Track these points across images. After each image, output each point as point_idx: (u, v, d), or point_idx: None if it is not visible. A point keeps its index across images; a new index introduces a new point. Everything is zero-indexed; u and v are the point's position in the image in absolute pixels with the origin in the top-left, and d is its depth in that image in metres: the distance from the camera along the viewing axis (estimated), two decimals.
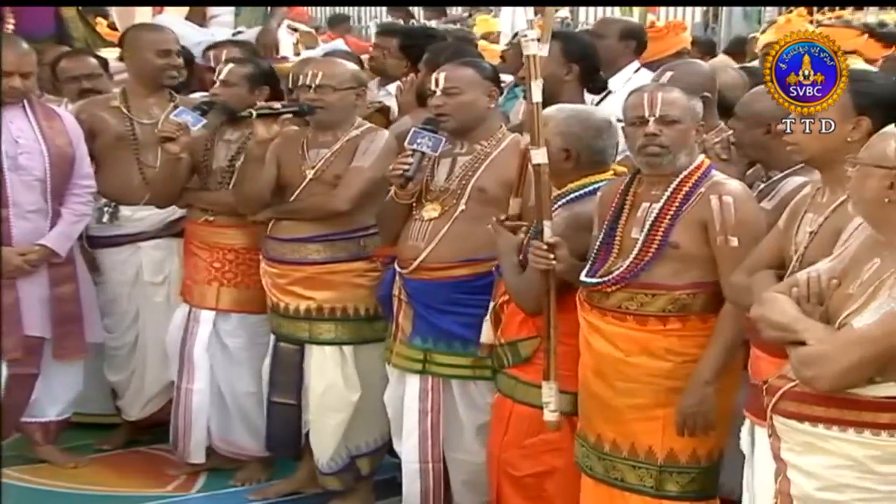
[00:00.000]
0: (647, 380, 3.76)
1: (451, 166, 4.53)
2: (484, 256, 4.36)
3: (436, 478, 4.59)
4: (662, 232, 3.71)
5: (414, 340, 4.55)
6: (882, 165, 2.89)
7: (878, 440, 2.91)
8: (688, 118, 3.75)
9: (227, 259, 5.28)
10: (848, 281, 3.02)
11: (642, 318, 3.75)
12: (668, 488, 3.78)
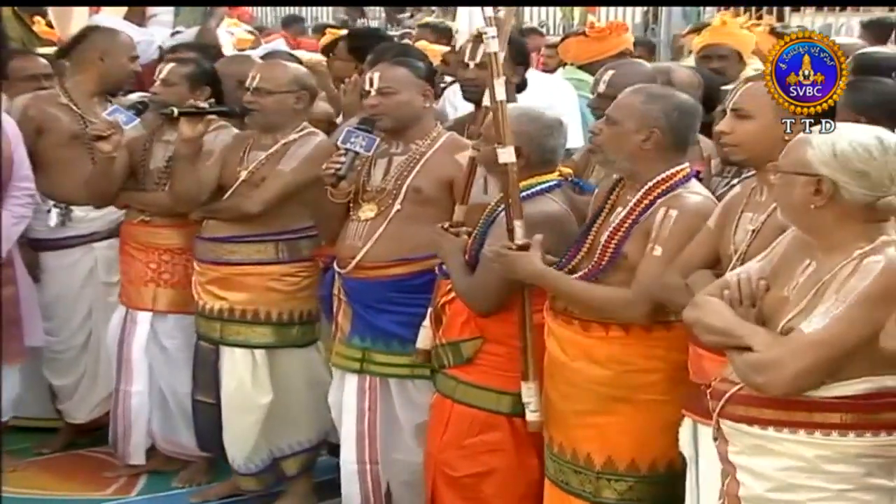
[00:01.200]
0: (588, 386, 3.74)
1: (387, 166, 4.52)
2: (421, 256, 4.36)
3: (374, 478, 4.57)
4: (616, 241, 3.67)
5: (352, 340, 4.54)
6: (803, 172, 2.90)
7: (828, 440, 2.92)
8: (628, 121, 3.67)
9: (163, 260, 5.27)
10: (781, 283, 3.03)
11: (586, 323, 3.72)
12: (605, 495, 3.75)
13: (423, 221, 4.32)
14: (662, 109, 3.66)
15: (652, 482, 3.75)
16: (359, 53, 5.80)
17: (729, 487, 3.08)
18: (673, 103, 3.70)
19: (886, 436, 2.93)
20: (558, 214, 4.00)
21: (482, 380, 4.08)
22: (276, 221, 4.87)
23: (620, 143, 3.69)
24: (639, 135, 3.66)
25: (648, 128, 3.65)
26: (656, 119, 3.66)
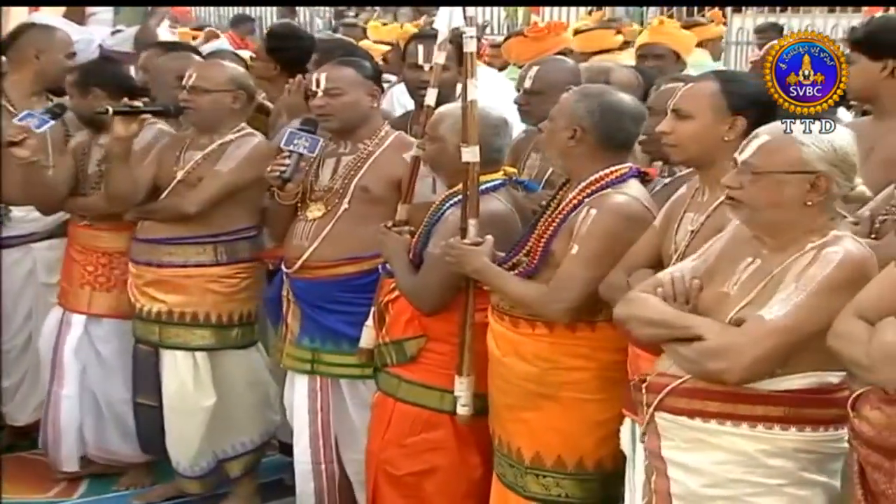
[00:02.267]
0: (517, 382, 3.75)
1: (335, 166, 4.50)
2: (368, 254, 4.35)
3: (329, 478, 4.57)
4: (545, 240, 3.69)
5: (302, 340, 4.53)
6: (801, 171, 2.94)
7: (769, 434, 2.96)
8: (560, 118, 3.70)
9: (101, 263, 5.22)
10: (720, 280, 3.08)
11: (515, 319, 3.75)
12: (533, 489, 3.77)
13: (370, 221, 4.31)
14: (587, 108, 3.67)
15: (579, 480, 3.75)
16: (277, 54, 5.77)
17: (658, 484, 3.11)
18: (599, 102, 3.69)
19: (824, 431, 2.99)
20: (503, 213, 4.01)
21: (425, 378, 4.09)
22: (214, 223, 4.84)
23: (552, 140, 3.74)
24: (566, 132, 3.68)
25: (573, 126, 3.67)
26: (581, 118, 3.67)
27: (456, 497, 4.10)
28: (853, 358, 2.67)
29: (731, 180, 3.03)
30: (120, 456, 5.37)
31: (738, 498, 2.99)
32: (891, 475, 2.58)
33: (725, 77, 3.54)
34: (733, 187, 3.02)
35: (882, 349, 2.55)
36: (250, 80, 5.03)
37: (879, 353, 2.55)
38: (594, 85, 3.89)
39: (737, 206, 3.04)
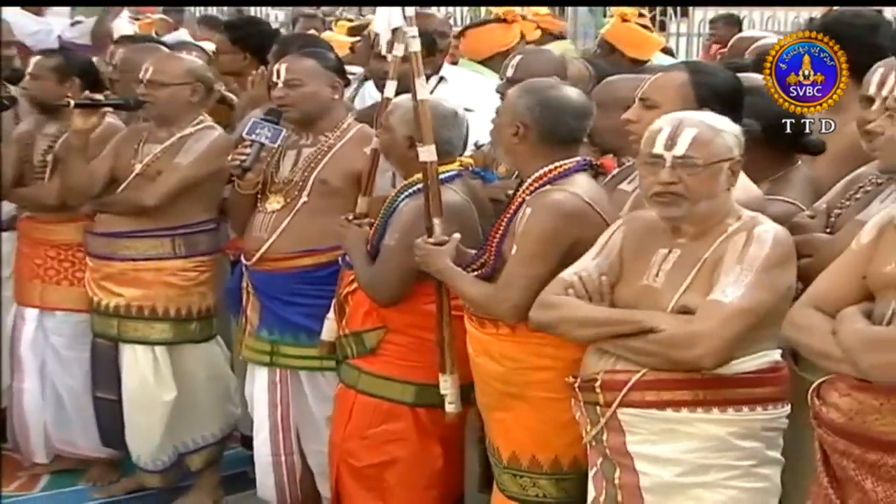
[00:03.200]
0: (489, 381, 3.74)
1: (296, 158, 4.49)
2: (327, 247, 4.34)
3: (289, 470, 4.56)
4: (497, 239, 3.66)
5: (261, 332, 4.51)
6: (729, 158, 3.02)
7: (739, 416, 3.01)
8: (504, 115, 3.67)
9: (50, 256, 5.19)
10: (634, 274, 3.12)
11: (481, 319, 3.72)
12: (510, 489, 3.75)
13: (329, 214, 4.29)
14: (527, 104, 3.61)
15: (555, 479, 3.71)
16: (243, 43, 5.72)
17: (623, 480, 3.11)
18: (539, 98, 3.62)
19: (782, 407, 3.08)
20: (457, 204, 3.98)
21: (385, 370, 4.08)
22: (172, 216, 4.80)
23: (498, 137, 3.74)
24: (510, 129, 3.64)
25: (516, 123, 3.62)
26: (522, 114, 3.61)
27: (417, 488, 4.09)
28: (821, 349, 2.68)
29: (669, 176, 3.02)
30: (83, 450, 5.34)
31: (712, 483, 3.03)
32: (861, 462, 2.60)
33: (696, 68, 3.57)
34: (673, 183, 3.02)
35: (856, 337, 2.57)
36: (209, 73, 5.00)
37: (854, 342, 2.57)
38: (540, 79, 3.84)
39: (676, 201, 3.04)
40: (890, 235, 2.69)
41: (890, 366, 2.48)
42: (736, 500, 3.04)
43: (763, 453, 3.07)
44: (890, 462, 2.55)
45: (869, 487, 2.59)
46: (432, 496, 4.12)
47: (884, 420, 2.57)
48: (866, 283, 2.71)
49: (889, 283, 2.62)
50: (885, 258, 2.66)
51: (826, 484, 2.70)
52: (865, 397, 2.60)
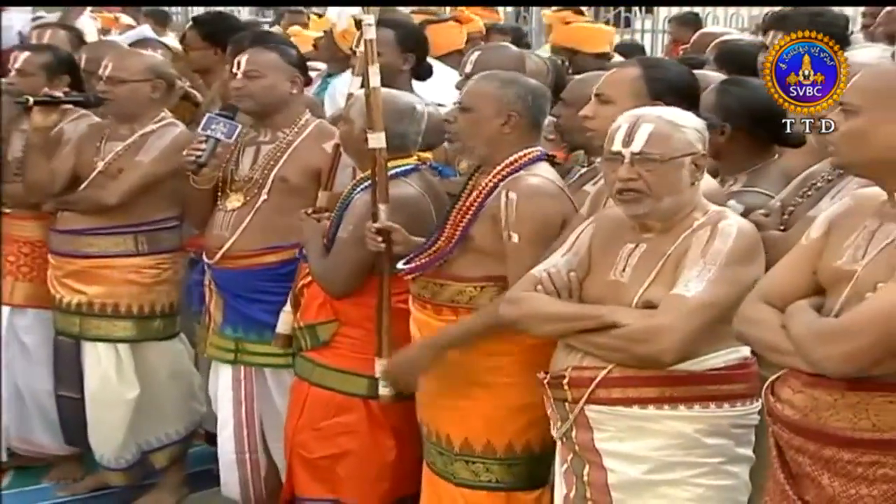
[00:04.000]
0: (444, 369, 3.73)
1: (255, 155, 4.47)
2: (290, 244, 4.31)
3: (254, 467, 4.53)
4: (463, 224, 3.68)
5: (225, 330, 4.48)
6: (690, 153, 3.03)
7: (706, 413, 3.00)
8: (486, 107, 3.66)
9: (23, 252, 5.15)
10: (602, 270, 3.13)
11: (437, 307, 3.74)
12: (462, 476, 3.75)
13: (290, 211, 4.27)
14: (518, 94, 3.68)
15: (509, 464, 3.74)
16: (214, 39, 5.65)
17: (592, 477, 3.11)
18: (527, 87, 3.73)
19: (750, 404, 3.07)
20: (412, 197, 4.01)
21: (338, 362, 4.09)
22: (134, 213, 4.77)
23: (479, 129, 3.69)
24: (498, 119, 3.66)
25: (507, 112, 3.66)
26: (513, 103, 3.67)
27: (368, 480, 4.11)
28: (771, 343, 2.68)
29: (628, 173, 3.03)
30: (45, 448, 5.29)
31: (680, 481, 3.03)
32: (817, 458, 2.60)
33: (649, 63, 3.60)
34: (632, 179, 3.03)
35: (807, 330, 2.57)
36: (169, 69, 4.97)
37: (805, 334, 2.56)
38: (504, 71, 3.88)
39: (637, 198, 3.04)
40: (839, 230, 2.70)
41: (841, 357, 2.48)
42: (703, 497, 3.03)
43: (732, 451, 3.06)
44: (846, 457, 2.56)
45: (825, 483, 2.59)
46: (384, 489, 4.14)
47: (838, 416, 2.57)
48: (816, 277, 2.71)
49: (840, 277, 2.62)
50: (834, 252, 2.67)
51: (782, 480, 2.69)
52: (820, 393, 2.60)
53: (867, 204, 2.70)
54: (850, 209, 2.73)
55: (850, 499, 2.57)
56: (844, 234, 2.68)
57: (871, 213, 2.66)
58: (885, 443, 2.53)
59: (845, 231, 2.68)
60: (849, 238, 2.66)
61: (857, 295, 2.56)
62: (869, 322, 2.46)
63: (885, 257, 2.55)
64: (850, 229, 2.67)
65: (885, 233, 2.59)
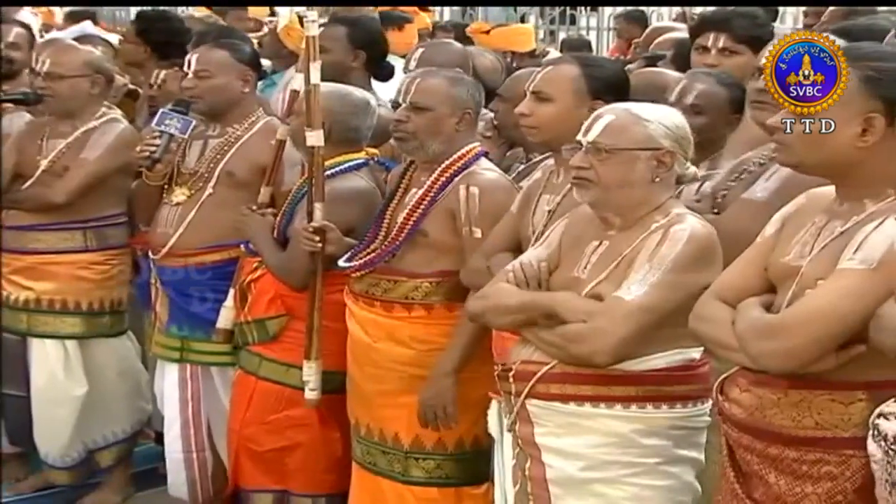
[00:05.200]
0: (392, 366, 3.74)
1: (202, 149, 4.43)
2: (235, 241, 4.28)
3: (201, 466, 4.50)
4: (414, 219, 3.69)
5: (171, 328, 4.45)
6: (649, 147, 3.00)
7: (643, 413, 2.99)
8: (442, 106, 3.70)
9: None
10: (568, 265, 3.10)
11: (388, 304, 3.74)
12: (414, 474, 3.76)
13: (236, 206, 4.26)
14: (468, 92, 3.75)
15: (460, 459, 3.77)
16: (145, 37, 5.62)
17: (532, 471, 3.09)
18: (474, 84, 3.80)
19: (692, 406, 3.04)
20: (366, 190, 4.02)
21: (287, 357, 4.08)
22: (82, 209, 4.72)
23: (438, 127, 3.71)
24: (453, 118, 3.71)
25: (461, 110, 3.71)
26: (465, 101, 3.73)
27: (317, 472, 4.12)
28: (719, 340, 2.67)
29: (580, 161, 3.03)
30: None
31: (615, 479, 3.01)
32: (763, 456, 2.59)
33: (586, 61, 3.58)
34: (583, 167, 3.03)
35: (748, 326, 2.56)
36: (108, 63, 4.93)
37: (746, 330, 2.55)
38: (450, 70, 3.90)
39: (586, 186, 3.04)
40: (790, 227, 2.68)
41: (779, 353, 2.46)
42: (639, 497, 3.01)
43: (670, 451, 3.03)
44: (791, 455, 2.55)
45: (772, 481, 2.58)
46: (332, 480, 4.14)
47: (782, 414, 2.56)
48: (768, 274, 2.70)
49: (788, 273, 2.60)
50: (783, 249, 2.65)
51: (732, 478, 2.67)
52: (764, 392, 2.58)
53: (819, 201, 2.69)
54: (803, 206, 2.72)
55: (796, 497, 2.55)
56: (794, 230, 2.67)
57: (820, 211, 2.65)
58: (827, 441, 2.52)
59: (796, 228, 2.68)
60: (798, 234, 2.65)
61: (802, 291, 2.55)
62: (806, 319, 2.44)
63: (827, 253, 2.54)
64: (800, 226, 2.67)
65: (829, 230, 2.58)
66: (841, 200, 2.62)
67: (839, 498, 2.51)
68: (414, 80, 3.78)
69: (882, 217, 2.50)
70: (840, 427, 2.50)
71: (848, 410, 2.50)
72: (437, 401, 3.66)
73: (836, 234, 2.56)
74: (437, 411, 3.66)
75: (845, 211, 2.58)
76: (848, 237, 2.52)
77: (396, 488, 3.79)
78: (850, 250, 2.47)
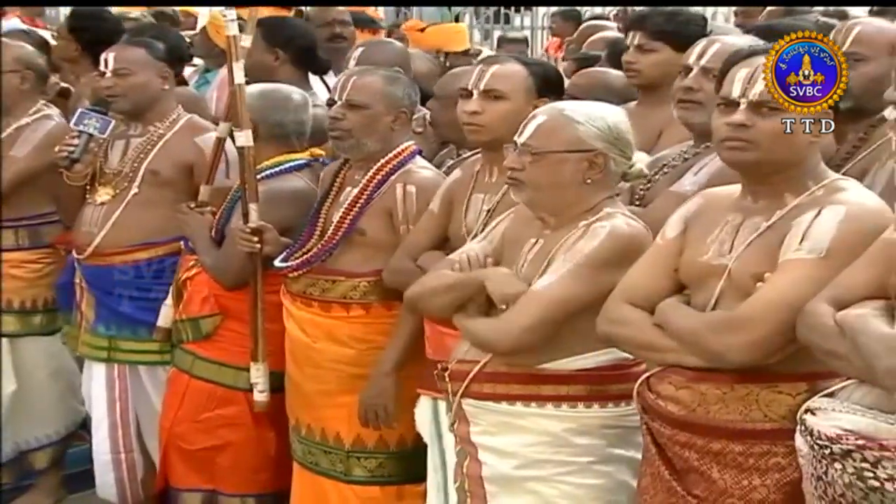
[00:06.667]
0: (332, 366, 3.72)
1: (125, 148, 4.37)
2: (162, 240, 4.26)
3: (130, 467, 4.43)
4: (351, 218, 3.67)
5: (97, 328, 4.37)
6: (579, 150, 2.97)
7: (574, 412, 2.96)
8: (378, 104, 3.68)
9: None
10: (508, 262, 3.08)
11: (326, 304, 3.71)
12: (356, 473, 3.75)
13: (161, 205, 4.23)
14: (404, 91, 3.75)
15: (401, 457, 3.75)
16: (77, 34, 5.50)
17: (469, 469, 3.07)
18: (409, 83, 3.80)
19: (626, 406, 2.97)
20: (304, 191, 3.98)
21: (221, 356, 4.06)
22: (14, 207, 4.63)
23: (373, 125, 3.69)
24: (389, 116, 3.69)
25: (397, 109, 3.70)
26: (401, 99, 3.73)
27: (249, 471, 4.10)
28: (639, 341, 2.68)
29: (513, 162, 3.01)
30: None
31: (548, 478, 2.98)
32: (704, 451, 2.58)
33: (527, 61, 3.58)
34: (515, 168, 3.00)
35: (703, 323, 2.55)
36: (39, 59, 4.83)
37: (701, 327, 2.54)
38: (384, 69, 3.87)
39: (519, 186, 3.02)
40: (698, 227, 2.69)
41: (743, 346, 2.47)
42: (572, 495, 2.99)
43: (604, 451, 3.00)
44: (736, 449, 2.55)
45: (716, 476, 2.57)
46: (263, 480, 4.12)
47: (728, 409, 2.56)
48: (678, 275, 2.70)
49: (709, 272, 2.61)
50: (698, 249, 2.66)
51: (668, 476, 2.65)
52: (707, 387, 2.57)
53: (721, 201, 2.71)
54: (704, 206, 2.73)
55: (743, 490, 2.55)
56: (705, 230, 2.67)
57: (729, 209, 2.66)
58: (776, 432, 2.52)
59: (705, 227, 2.67)
60: (711, 234, 2.65)
61: (732, 287, 2.56)
62: (767, 311, 2.45)
63: (756, 249, 2.56)
64: (710, 225, 2.67)
65: (750, 226, 2.60)
66: (755, 197, 2.64)
67: (788, 488, 2.52)
68: (350, 77, 3.76)
69: (816, 207, 2.52)
70: (788, 418, 2.50)
71: (795, 402, 2.50)
72: (376, 400, 3.62)
73: (761, 229, 2.57)
74: (377, 410, 3.63)
75: (763, 207, 2.60)
76: (779, 230, 2.54)
77: (338, 488, 3.77)
78: (793, 241, 2.49)
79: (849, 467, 2.20)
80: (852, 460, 2.19)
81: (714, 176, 3.08)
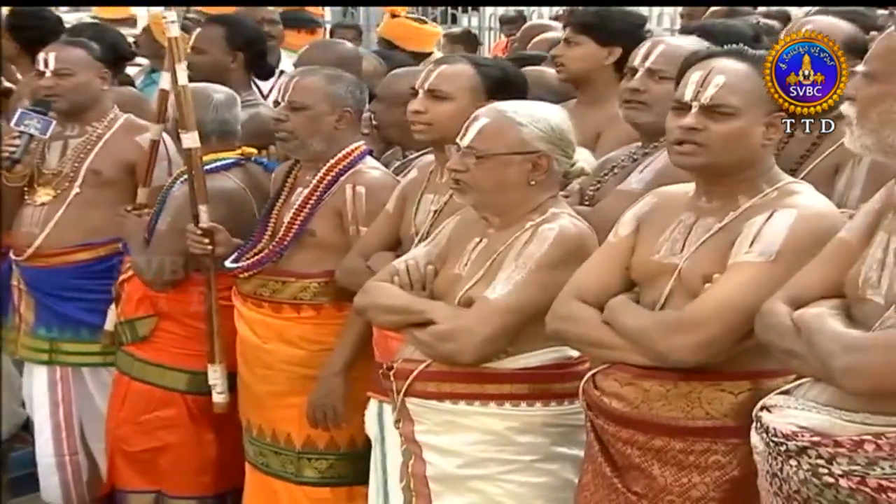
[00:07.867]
0: (282, 367, 3.70)
1: (63, 149, 4.32)
2: (104, 240, 4.22)
3: (74, 470, 4.40)
4: (301, 219, 3.65)
5: (38, 330, 4.34)
6: (522, 151, 2.95)
7: (516, 411, 2.94)
8: (321, 104, 3.65)
9: None
10: (452, 263, 3.06)
11: (277, 304, 3.69)
12: (306, 474, 3.73)
13: (102, 205, 4.20)
14: (347, 90, 3.70)
15: (352, 458, 3.72)
16: (16, 33, 5.43)
17: (414, 468, 3.06)
18: (354, 82, 3.75)
19: (569, 404, 2.96)
20: (232, 191, 3.95)
21: (158, 357, 4.05)
22: None
23: (317, 126, 3.66)
24: (332, 116, 3.66)
25: (341, 108, 3.66)
26: (345, 99, 3.68)
27: (190, 472, 4.08)
28: (589, 339, 2.68)
29: (456, 164, 2.98)
30: None
31: (491, 476, 2.97)
32: (646, 449, 2.59)
33: (476, 61, 3.54)
34: (459, 170, 2.98)
35: (652, 322, 2.55)
36: None
37: (649, 326, 2.55)
38: (328, 67, 3.84)
39: (463, 188, 3.00)
40: (650, 226, 2.69)
41: (692, 347, 2.47)
42: (515, 494, 2.97)
43: (547, 449, 2.98)
44: (677, 447, 2.55)
45: (656, 473, 2.57)
46: (206, 481, 4.10)
47: (671, 406, 2.56)
48: (629, 273, 2.70)
49: (660, 271, 2.61)
50: (649, 247, 2.66)
51: (609, 473, 2.65)
52: (651, 384, 2.57)
53: (674, 200, 2.70)
54: (658, 206, 2.73)
55: (683, 487, 2.55)
56: (657, 229, 2.67)
57: (682, 209, 2.66)
58: (717, 429, 2.53)
59: (658, 226, 2.67)
60: (664, 233, 2.65)
61: (682, 287, 2.57)
62: (717, 311, 2.45)
63: (708, 249, 2.56)
64: (663, 224, 2.67)
65: (703, 226, 2.60)
66: (709, 198, 2.63)
67: (727, 486, 2.52)
68: (292, 79, 3.73)
69: (768, 210, 2.53)
70: (730, 416, 2.51)
71: (737, 400, 2.52)
72: (326, 400, 3.60)
73: (714, 230, 2.58)
74: (325, 410, 3.61)
75: (717, 208, 2.60)
76: (731, 231, 2.54)
77: (289, 489, 3.76)
78: (744, 243, 2.50)
79: (804, 464, 2.19)
80: (807, 457, 2.19)
81: (659, 173, 3.09)
